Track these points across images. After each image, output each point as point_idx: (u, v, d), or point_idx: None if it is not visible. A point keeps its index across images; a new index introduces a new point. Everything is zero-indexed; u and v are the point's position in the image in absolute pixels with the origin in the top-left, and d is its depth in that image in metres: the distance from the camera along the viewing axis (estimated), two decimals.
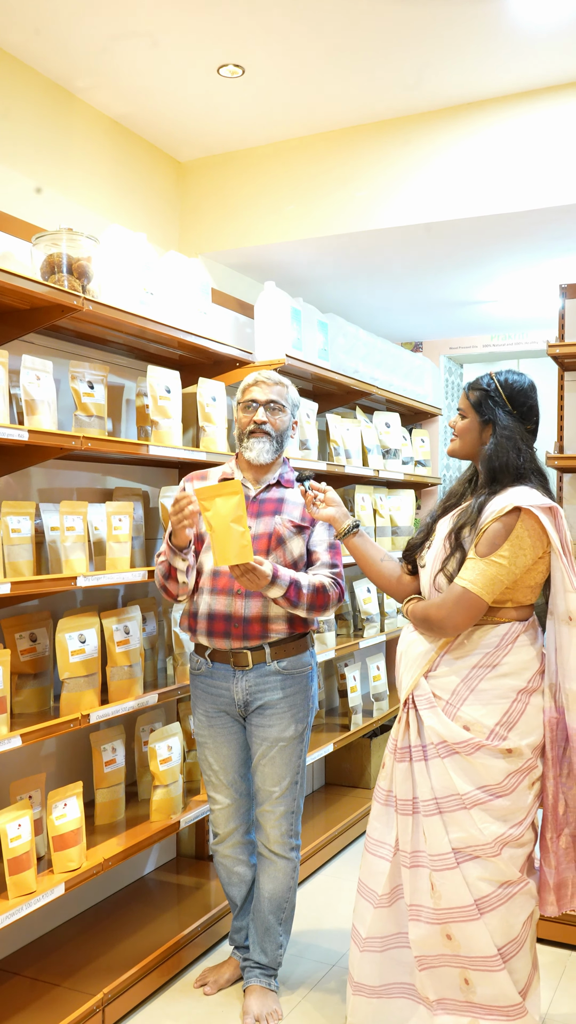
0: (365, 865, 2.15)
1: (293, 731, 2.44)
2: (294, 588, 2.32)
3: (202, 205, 3.74)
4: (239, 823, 2.52)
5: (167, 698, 2.77)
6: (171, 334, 2.79)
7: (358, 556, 2.25)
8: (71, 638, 2.48)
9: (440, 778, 2.01)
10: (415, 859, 2.05)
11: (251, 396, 2.46)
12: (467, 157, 3.27)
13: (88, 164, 3.19)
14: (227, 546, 2.18)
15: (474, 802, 1.98)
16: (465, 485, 2.20)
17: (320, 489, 2.30)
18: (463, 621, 2.00)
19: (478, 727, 2.00)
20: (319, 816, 3.85)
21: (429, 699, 2.04)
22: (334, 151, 3.49)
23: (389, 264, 3.98)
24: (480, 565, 1.97)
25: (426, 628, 2.08)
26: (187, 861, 3.33)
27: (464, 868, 1.98)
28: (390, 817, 2.11)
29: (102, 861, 2.43)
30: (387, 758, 2.15)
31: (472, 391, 2.13)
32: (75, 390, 2.56)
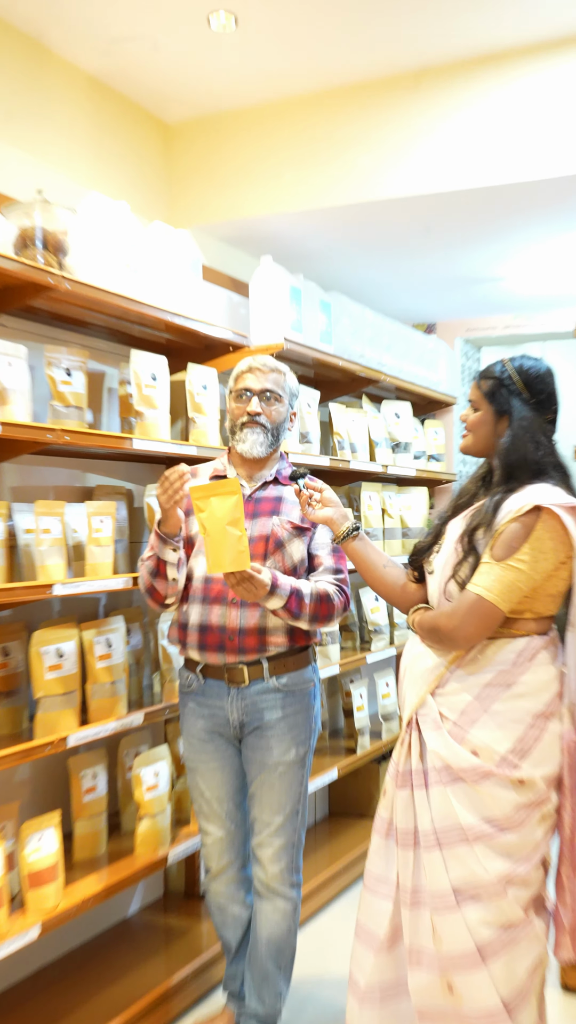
0: (364, 905, 2.14)
1: (294, 755, 2.45)
2: (295, 598, 2.33)
3: (191, 171, 3.75)
4: (234, 857, 2.53)
5: (154, 718, 2.78)
6: (157, 315, 2.80)
7: (358, 562, 2.26)
8: (47, 652, 2.48)
9: (441, 808, 2.00)
10: (416, 897, 2.04)
11: (244, 384, 2.47)
12: (486, 118, 3.28)
13: (64, 126, 3.20)
14: (222, 551, 2.18)
15: (477, 836, 1.97)
16: (478, 483, 2.20)
17: (316, 488, 2.30)
18: (476, 632, 2.00)
19: (487, 753, 1.99)
20: (322, 850, 3.85)
21: (435, 720, 2.04)
22: (338, 112, 3.49)
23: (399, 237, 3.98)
24: (496, 570, 1.97)
25: (434, 640, 2.08)
26: (176, 900, 3.33)
27: (465, 910, 1.97)
28: (391, 851, 2.11)
29: (81, 900, 2.43)
30: (388, 784, 2.14)
31: (484, 380, 2.14)
32: (51, 378, 2.56)
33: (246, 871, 2.55)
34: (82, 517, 2.71)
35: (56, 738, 2.40)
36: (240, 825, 2.52)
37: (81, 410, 2.62)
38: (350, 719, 4.03)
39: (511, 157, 3.29)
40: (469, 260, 4.39)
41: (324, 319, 3.66)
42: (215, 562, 2.19)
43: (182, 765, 3.07)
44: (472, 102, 3.33)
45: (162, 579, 2.39)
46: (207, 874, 2.55)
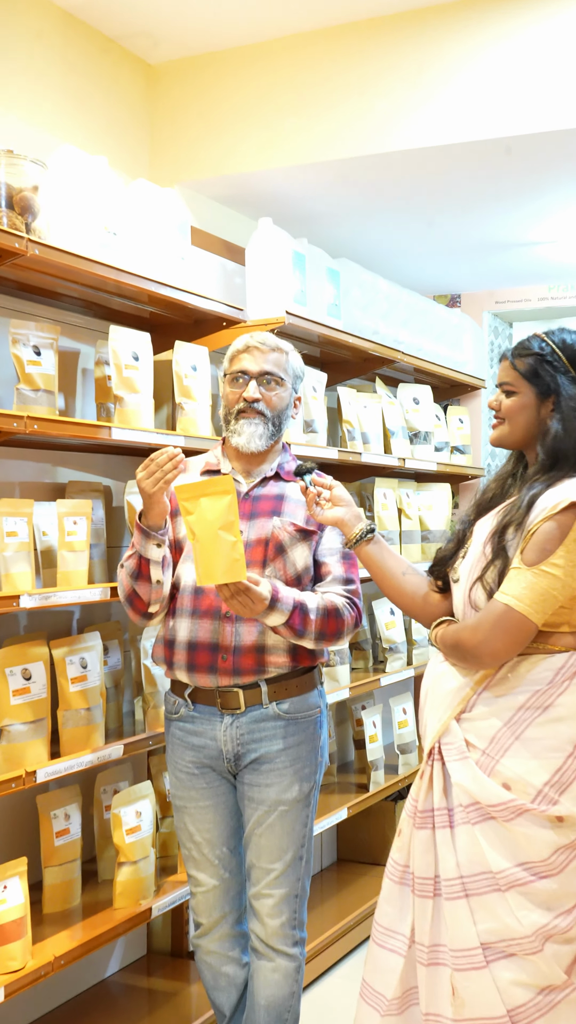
0: (371, 961, 2.14)
1: (297, 792, 2.45)
2: (299, 613, 2.33)
3: (179, 120, 3.74)
4: (228, 910, 2.53)
5: (135, 750, 2.78)
6: (139, 285, 2.80)
7: (374, 568, 2.25)
8: (12, 674, 2.48)
9: (468, 850, 2.00)
10: (434, 955, 2.04)
11: (240, 366, 2.47)
12: (520, 55, 3.27)
13: (32, 69, 3.19)
14: (214, 560, 2.18)
15: (511, 883, 1.97)
16: (505, 483, 2.20)
17: (325, 485, 2.30)
18: (504, 648, 2.00)
19: (521, 786, 1.99)
20: (330, 901, 3.85)
21: (460, 749, 2.04)
22: (347, 50, 3.49)
23: (418, 195, 3.98)
24: (527, 576, 1.97)
25: (459, 657, 2.08)
26: (161, 959, 3.33)
27: (495, 968, 1.96)
28: (405, 899, 2.11)
29: (52, 960, 2.43)
30: (404, 824, 2.14)
31: (520, 359, 2.13)
32: (17, 357, 2.56)
33: (241, 926, 2.55)
34: (52, 518, 2.71)
35: (23, 772, 2.39)
36: (235, 873, 2.52)
37: (51, 394, 2.62)
38: (361, 751, 4.03)
39: (548, 101, 3.28)
40: (499, 222, 4.39)
41: (332, 290, 3.66)
42: (206, 572, 2.19)
43: (168, 804, 3.07)
44: (504, 37, 3.32)
45: (144, 582, 2.38)
46: (197, 929, 2.55)
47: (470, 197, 4.04)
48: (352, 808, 3.66)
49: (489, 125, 3.36)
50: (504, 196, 4.04)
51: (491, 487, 2.22)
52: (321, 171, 3.67)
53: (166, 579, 2.42)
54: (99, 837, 2.94)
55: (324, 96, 3.56)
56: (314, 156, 3.59)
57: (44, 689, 2.54)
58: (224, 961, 2.54)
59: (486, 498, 2.21)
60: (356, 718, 4.13)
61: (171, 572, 2.45)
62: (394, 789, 3.99)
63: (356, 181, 3.80)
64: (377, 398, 4.04)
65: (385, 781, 3.94)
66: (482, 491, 2.24)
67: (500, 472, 2.24)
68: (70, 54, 3.33)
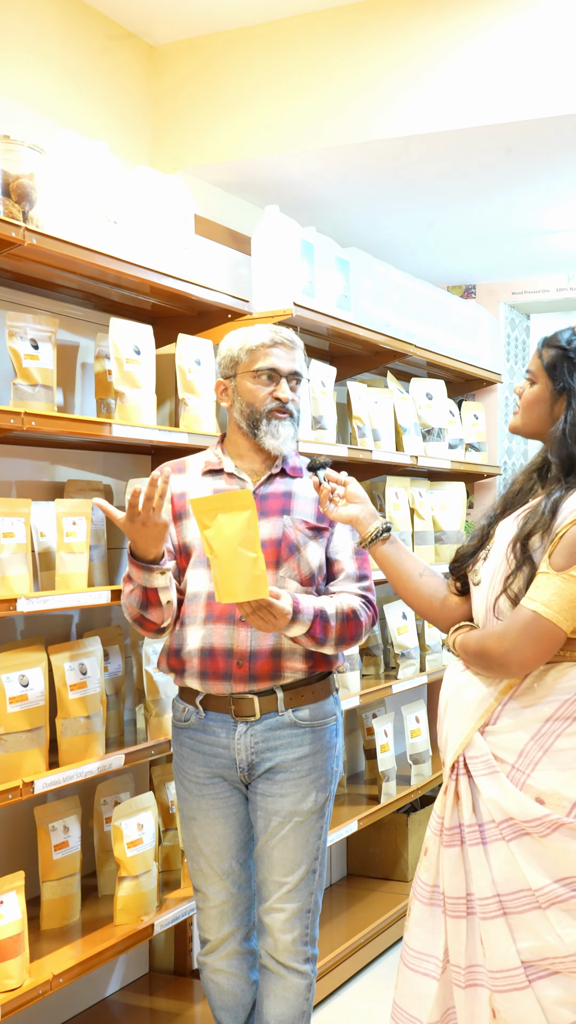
0: (403, 984, 2.14)
1: (312, 802, 2.45)
2: (319, 622, 2.34)
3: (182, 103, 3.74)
4: (237, 926, 2.53)
5: (137, 759, 2.78)
6: (141, 276, 2.80)
7: (389, 570, 2.25)
8: (9, 680, 2.48)
9: (505, 868, 2.00)
10: (471, 976, 2.04)
11: (271, 363, 2.46)
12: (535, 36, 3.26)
13: (30, 49, 3.20)
14: (234, 577, 2.18)
15: (551, 900, 1.97)
16: (533, 476, 2.20)
17: (339, 481, 2.30)
18: (533, 656, 2.00)
19: (555, 799, 1.99)
20: (340, 917, 3.85)
21: (488, 762, 2.04)
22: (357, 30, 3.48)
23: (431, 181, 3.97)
24: (556, 582, 1.97)
25: (483, 666, 2.08)
26: (164, 978, 3.34)
27: (538, 988, 1.97)
28: (436, 920, 2.10)
29: (51, 978, 2.43)
30: (430, 842, 2.14)
31: (546, 349, 2.13)
32: (14, 351, 2.56)
33: (249, 943, 2.55)
34: (50, 518, 2.71)
35: (20, 783, 2.40)
36: (244, 888, 2.52)
37: (50, 390, 2.62)
38: (373, 761, 4.03)
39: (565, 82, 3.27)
40: (515, 209, 4.38)
41: (341, 280, 3.66)
42: (226, 590, 2.20)
43: (171, 816, 3.07)
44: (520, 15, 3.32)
45: (155, 608, 2.39)
46: (203, 947, 2.55)
47: (485, 183, 4.03)
48: (363, 821, 3.66)
49: (504, 108, 3.35)
50: (521, 182, 4.03)
51: (519, 480, 2.22)
52: (330, 157, 3.67)
53: (174, 595, 2.43)
54: (99, 850, 2.94)
55: (333, 78, 3.56)
56: (323, 141, 3.59)
57: (42, 696, 2.54)
58: (232, 980, 2.54)
59: (513, 491, 2.20)
60: (367, 727, 4.13)
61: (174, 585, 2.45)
62: (406, 801, 3.99)
63: (367, 167, 3.80)
64: (388, 393, 4.04)
65: (397, 793, 3.94)
66: (510, 486, 2.24)
67: (530, 465, 2.23)
68: (69, 35, 3.34)
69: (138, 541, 2.32)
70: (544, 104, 3.30)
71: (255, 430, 2.46)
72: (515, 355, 5.58)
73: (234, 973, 2.54)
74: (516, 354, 5.61)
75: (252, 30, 3.66)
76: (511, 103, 3.35)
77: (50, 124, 3.17)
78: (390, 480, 4.04)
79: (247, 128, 3.68)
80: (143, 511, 2.27)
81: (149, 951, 3.38)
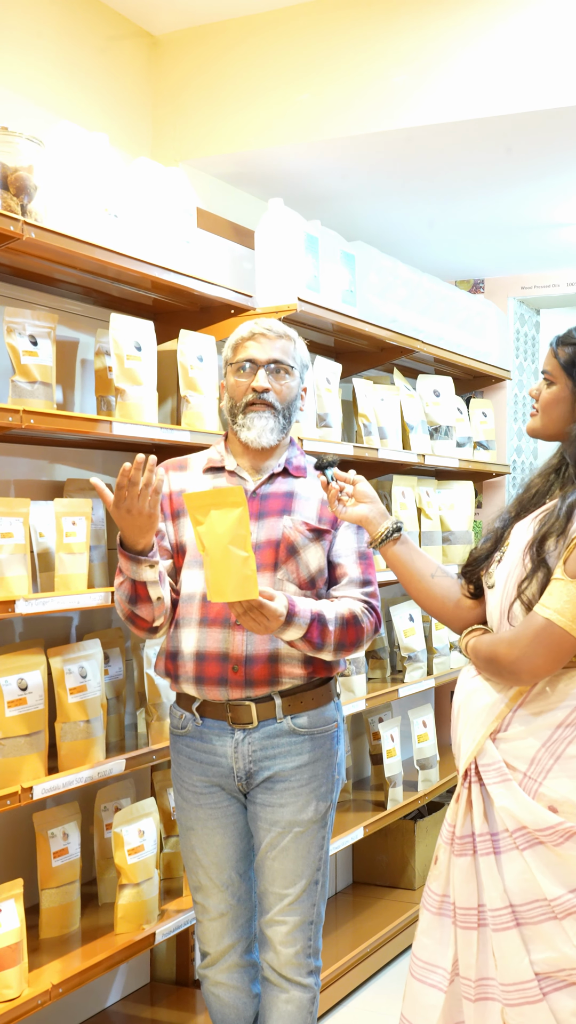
0: (411, 996, 2.14)
1: (313, 812, 2.45)
2: (317, 626, 2.32)
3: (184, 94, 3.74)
4: (237, 938, 2.52)
5: (138, 765, 2.78)
6: (142, 270, 2.80)
7: (401, 571, 2.25)
8: (7, 684, 2.48)
9: (519, 878, 2.00)
10: (482, 989, 2.03)
11: (246, 354, 2.46)
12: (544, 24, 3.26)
13: (28, 39, 3.19)
14: (224, 576, 2.17)
15: (567, 910, 1.97)
16: (550, 477, 2.19)
17: (348, 480, 2.29)
18: (544, 664, 1.99)
19: (568, 808, 1.99)
20: (345, 927, 3.85)
21: (500, 770, 2.04)
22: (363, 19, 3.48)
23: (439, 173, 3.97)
24: (570, 589, 1.97)
25: (494, 672, 2.07)
26: (165, 988, 3.33)
27: (553, 1000, 1.96)
28: (445, 931, 2.10)
29: (50, 988, 2.43)
30: (441, 851, 2.14)
31: (563, 347, 2.13)
32: (12, 347, 2.56)
33: (251, 955, 2.55)
34: (49, 518, 2.71)
35: (19, 789, 2.40)
36: (244, 899, 2.52)
37: (49, 387, 2.62)
38: (379, 767, 4.02)
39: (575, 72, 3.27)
40: (525, 201, 4.38)
41: (347, 275, 3.65)
42: (216, 589, 2.19)
43: (172, 822, 3.07)
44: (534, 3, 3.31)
45: (145, 604, 2.37)
46: (203, 959, 2.54)
47: (494, 175, 4.03)
48: (368, 827, 3.65)
49: (513, 99, 3.35)
50: (530, 174, 4.02)
51: (535, 482, 2.21)
52: (335, 148, 3.67)
53: (166, 592, 2.40)
54: (99, 857, 2.94)
55: (338, 68, 3.55)
56: (328, 132, 3.58)
57: (41, 700, 2.54)
58: (233, 993, 2.53)
59: (529, 494, 2.19)
60: (373, 731, 4.13)
61: (167, 583, 2.43)
62: (413, 807, 3.99)
63: (373, 159, 3.79)
64: (395, 390, 4.03)
65: (404, 799, 3.94)
66: (525, 486, 2.23)
67: (545, 466, 2.22)
68: (68, 24, 3.33)
69: (125, 529, 2.30)
70: (554, 95, 3.30)
71: (234, 424, 2.46)
72: (525, 351, 5.57)
73: (235, 986, 2.53)
74: (526, 350, 5.60)
75: (256, 19, 3.65)
76: (520, 94, 3.34)
77: (49, 115, 3.17)
78: (396, 479, 4.04)
79: (251, 119, 3.68)
80: (128, 496, 2.23)
81: (150, 961, 3.38)
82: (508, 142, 3.65)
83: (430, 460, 4.09)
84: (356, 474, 2.31)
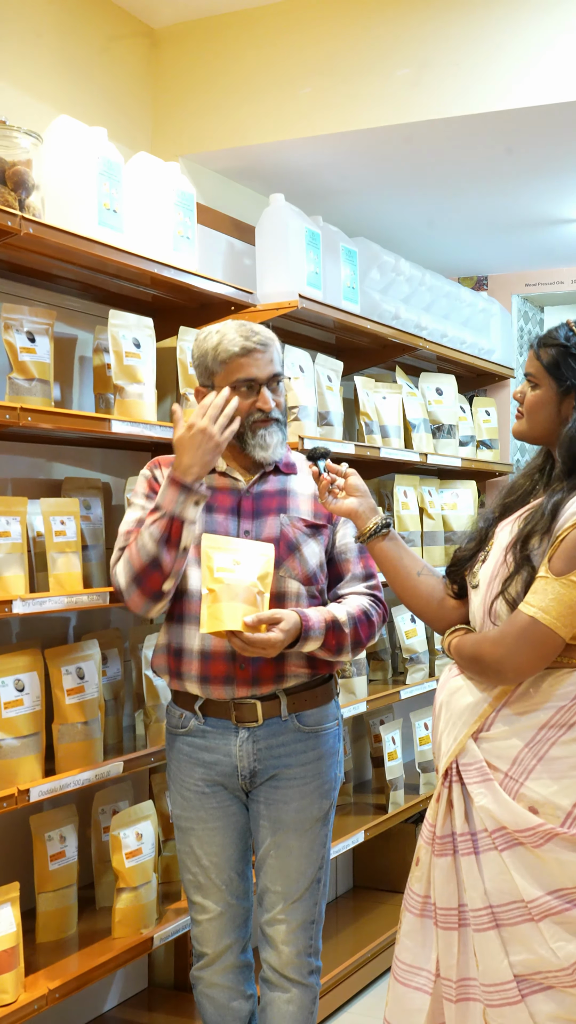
0: (394, 999, 2.14)
1: (317, 810, 2.46)
2: (333, 634, 2.36)
3: (184, 88, 3.74)
4: (235, 938, 2.53)
5: (136, 767, 2.78)
6: (141, 266, 2.80)
7: (388, 567, 2.26)
8: (4, 685, 2.49)
9: (497, 879, 2.01)
10: (463, 990, 2.04)
11: (247, 375, 2.41)
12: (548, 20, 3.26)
13: (26, 32, 3.20)
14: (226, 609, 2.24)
15: (544, 912, 1.97)
16: (533, 478, 2.20)
17: (340, 472, 2.30)
18: (529, 663, 2.00)
19: (549, 809, 1.99)
20: (346, 931, 3.85)
21: (482, 770, 2.05)
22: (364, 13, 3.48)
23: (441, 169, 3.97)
24: (555, 587, 1.97)
25: (477, 671, 2.08)
26: (163, 993, 3.34)
27: (531, 1002, 1.97)
28: (428, 933, 2.11)
29: (46, 992, 2.44)
30: (422, 851, 2.15)
31: (544, 348, 2.13)
32: (9, 344, 2.57)
33: (246, 955, 2.55)
34: (39, 518, 2.70)
35: (15, 791, 2.40)
36: (242, 899, 2.52)
37: (47, 384, 2.62)
38: (380, 769, 4.02)
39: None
40: (528, 198, 4.38)
41: (348, 271, 3.66)
42: (213, 621, 2.25)
43: (171, 825, 3.06)
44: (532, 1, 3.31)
45: (172, 549, 2.31)
46: (199, 960, 2.54)
47: (497, 171, 4.03)
48: (369, 831, 3.65)
49: (517, 94, 3.35)
50: (534, 170, 4.03)
51: (519, 483, 2.22)
52: (337, 143, 3.67)
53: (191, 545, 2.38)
54: (97, 861, 2.94)
55: (340, 63, 3.55)
56: (329, 127, 3.59)
57: (38, 701, 2.54)
58: (230, 994, 2.53)
59: (513, 495, 2.20)
60: (374, 734, 4.13)
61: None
62: (415, 811, 3.99)
63: (375, 154, 3.79)
64: (397, 388, 4.04)
65: (405, 802, 3.94)
66: (509, 487, 2.24)
67: (529, 467, 2.24)
68: (67, 18, 3.34)
69: (187, 454, 2.30)
70: (558, 90, 3.30)
71: (242, 443, 2.44)
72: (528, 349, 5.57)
73: (230, 987, 2.53)
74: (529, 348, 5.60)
75: (257, 12, 3.65)
76: (524, 89, 3.34)
77: (48, 110, 3.17)
78: (399, 478, 4.04)
79: (251, 114, 3.68)
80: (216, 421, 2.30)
81: (148, 965, 3.38)
82: (511, 138, 3.65)
83: (432, 459, 4.09)
84: (348, 467, 2.31)
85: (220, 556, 2.25)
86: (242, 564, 2.25)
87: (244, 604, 2.22)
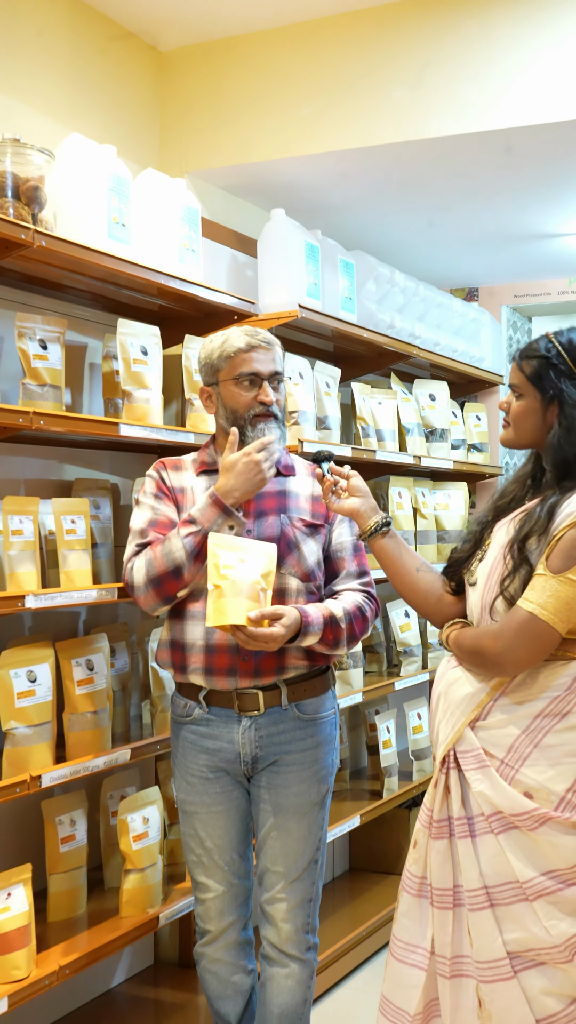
0: (391, 976, 2.15)
1: (316, 794, 2.47)
2: (331, 628, 2.37)
3: (189, 108, 3.74)
4: (236, 916, 2.53)
5: (143, 754, 2.78)
6: (149, 277, 2.80)
7: (388, 564, 2.26)
8: (17, 676, 2.49)
9: (493, 861, 2.01)
10: (457, 967, 2.05)
11: (251, 368, 2.43)
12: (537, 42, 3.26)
13: (39, 55, 3.20)
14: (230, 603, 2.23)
15: (538, 892, 1.98)
16: (525, 484, 2.21)
17: (343, 474, 2.31)
18: (527, 656, 2.01)
19: (543, 794, 2.00)
20: (342, 911, 3.85)
21: (479, 757, 2.05)
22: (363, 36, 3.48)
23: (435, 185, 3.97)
24: (552, 584, 1.98)
25: (477, 664, 2.09)
26: (168, 969, 3.34)
27: (524, 978, 1.98)
28: (424, 912, 2.12)
29: (57, 969, 2.44)
30: (419, 834, 2.15)
31: (527, 360, 2.13)
32: (23, 351, 2.57)
33: (246, 932, 2.56)
34: (50, 517, 2.71)
35: (28, 777, 2.40)
36: (243, 879, 2.53)
37: (58, 389, 2.63)
38: (375, 757, 4.03)
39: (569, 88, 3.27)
40: (518, 213, 4.38)
41: (346, 283, 3.66)
42: (216, 612, 2.24)
43: (176, 810, 3.07)
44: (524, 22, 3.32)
45: (198, 562, 2.35)
46: (203, 938, 2.55)
47: (489, 187, 4.03)
48: (365, 816, 3.66)
49: (508, 112, 3.35)
50: (524, 186, 4.03)
51: (510, 488, 2.23)
52: (336, 160, 3.67)
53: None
54: (105, 844, 2.94)
55: (339, 83, 3.56)
56: (329, 145, 3.59)
57: (49, 692, 2.55)
58: (232, 969, 2.54)
59: (506, 500, 2.21)
60: (370, 723, 4.13)
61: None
62: (408, 796, 3.99)
63: (371, 171, 3.80)
64: (392, 394, 4.04)
65: (399, 788, 3.94)
66: (500, 492, 2.25)
67: (519, 473, 2.24)
68: (77, 40, 3.34)
69: (232, 478, 2.34)
70: (548, 109, 3.30)
71: (243, 437, 2.44)
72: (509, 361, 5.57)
73: (232, 962, 2.54)
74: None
75: (259, 36, 3.66)
76: (515, 108, 3.34)
77: (59, 128, 3.17)
78: (393, 480, 4.04)
79: (254, 132, 3.68)
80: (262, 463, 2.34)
81: (154, 943, 3.38)
82: (503, 155, 3.65)
83: (426, 462, 4.10)
84: (350, 469, 2.33)
85: (226, 554, 2.26)
86: (246, 562, 2.26)
87: (248, 600, 2.22)
